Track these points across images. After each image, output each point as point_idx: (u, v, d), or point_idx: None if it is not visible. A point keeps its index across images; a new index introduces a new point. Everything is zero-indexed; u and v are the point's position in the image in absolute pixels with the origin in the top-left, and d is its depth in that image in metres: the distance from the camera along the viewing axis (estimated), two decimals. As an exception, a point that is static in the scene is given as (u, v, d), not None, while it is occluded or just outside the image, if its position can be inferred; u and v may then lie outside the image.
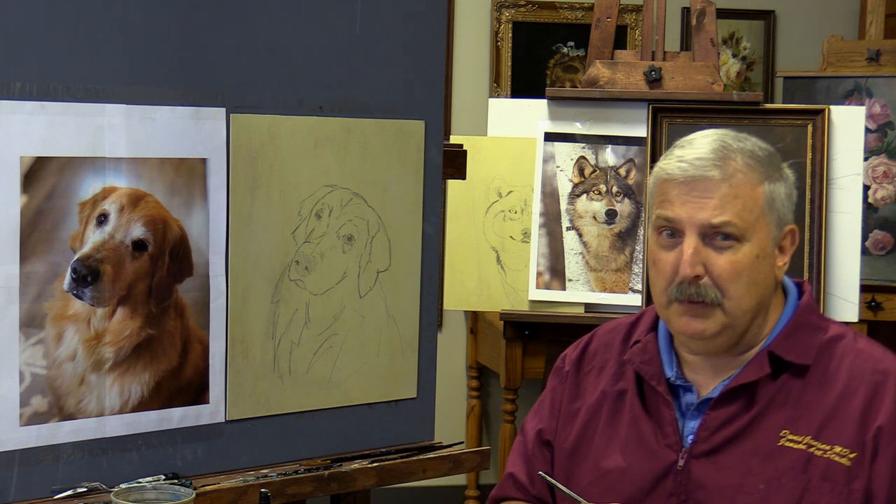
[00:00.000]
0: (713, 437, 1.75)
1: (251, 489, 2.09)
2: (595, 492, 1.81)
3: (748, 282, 1.73)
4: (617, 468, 1.80)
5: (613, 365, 1.89)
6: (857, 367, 1.75)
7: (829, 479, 1.69)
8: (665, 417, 1.79)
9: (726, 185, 1.72)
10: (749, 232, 1.72)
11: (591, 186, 3.33)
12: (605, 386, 1.88)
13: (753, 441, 1.73)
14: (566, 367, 1.95)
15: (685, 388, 1.80)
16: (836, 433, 1.71)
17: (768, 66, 5.07)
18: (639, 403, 1.82)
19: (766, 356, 1.75)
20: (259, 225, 2.18)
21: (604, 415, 1.86)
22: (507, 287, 3.32)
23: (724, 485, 1.72)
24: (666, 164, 1.77)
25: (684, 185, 1.73)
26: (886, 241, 4.03)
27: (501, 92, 4.79)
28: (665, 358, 1.82)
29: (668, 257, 1.74)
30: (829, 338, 1.79)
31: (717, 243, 1.72)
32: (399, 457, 2.30)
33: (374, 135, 2.31)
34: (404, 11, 2.33)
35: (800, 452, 1.71)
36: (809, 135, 3.28)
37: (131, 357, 2.05)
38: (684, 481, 1.75)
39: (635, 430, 1.81)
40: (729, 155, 1.74)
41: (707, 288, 1.72)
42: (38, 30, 1.93)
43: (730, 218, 1.71)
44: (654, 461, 1.78)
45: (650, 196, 1.81)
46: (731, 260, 1.71)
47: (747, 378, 1.75)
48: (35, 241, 1.95)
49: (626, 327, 1.92)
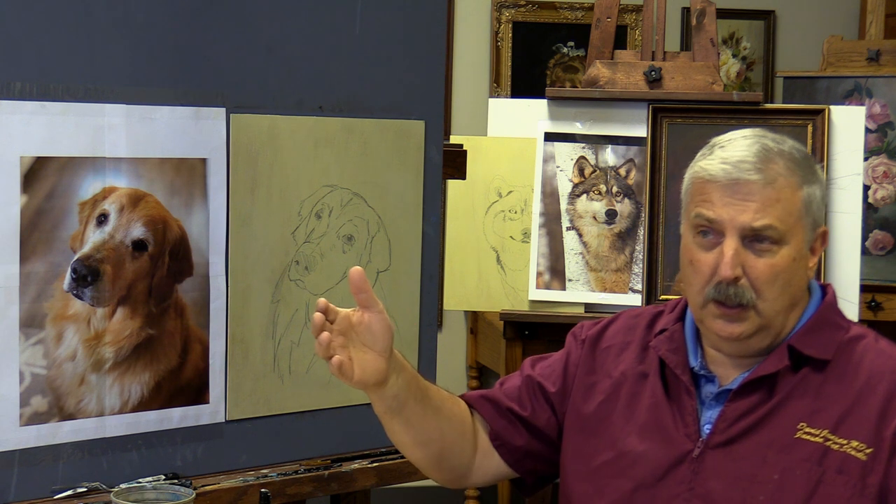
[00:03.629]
0: (731, 428, 1.76)
1: (251, 489, 2.09)
2: (609, 471, 1.82)
3: (783, 284, 1.74)
4: (633, 451, 1.82)
5: (636, 348, 1.90)
6: (878, 366, 1.76)
7: (844, 472, 1.70)
8: (686, 406, 1.80)
9: (769, 189, 1.73)
10: (788, 235, 1.74)
11: (591, 186, 3.33)
12: (625, 367, 1.89)
13: (770, 432, 1.74)
14: (583, 336, 1.96)
15: (707, 377, 1.82)
16: (853, 428, 1.72)
17: (768, 66, 5.07)
18: (661, 389, 1.84)
19: (787, 349, 1.77)
20: (259, 225, 2.18)
21: (623, 395, 1.87)
22: (507, 287, 3.32)
23: (738, 475, 1.74)
24: (708, 165, 1.77)
25: (727, 187, 1.74)
26: (886, 241, 4.03)
27: (501, 92, 4.79)
28: (690, 348, 1.84)
29: (707, 257, 1.75)
30: (850, 337, 1.80)
31: (757, 246, 1.73)
32: (399, 457, 2.30)
33: (374, 135, 2.31)
34: (404, 11, 2.33)
35: (816, 445, 1.72)
36: (809, 135, 3.28)
37: (131, 357, 2.05)
38: (698, 470, 1.76)
39: (655, 415, 1.82)
40: (771, 158, 1.75)
41: (744, 289, 1.73)
42: (38, 30, 1.93)
43: (771, 221, 1.72)
44: (670, 448, 1.79)
45: (686, 192, 1.82)
46: (769, 263, 1.73)
47: (767, 370, 1.76)
48: (35, 241, 1.95)
49: (651, 315, 1.94)
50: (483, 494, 4.30)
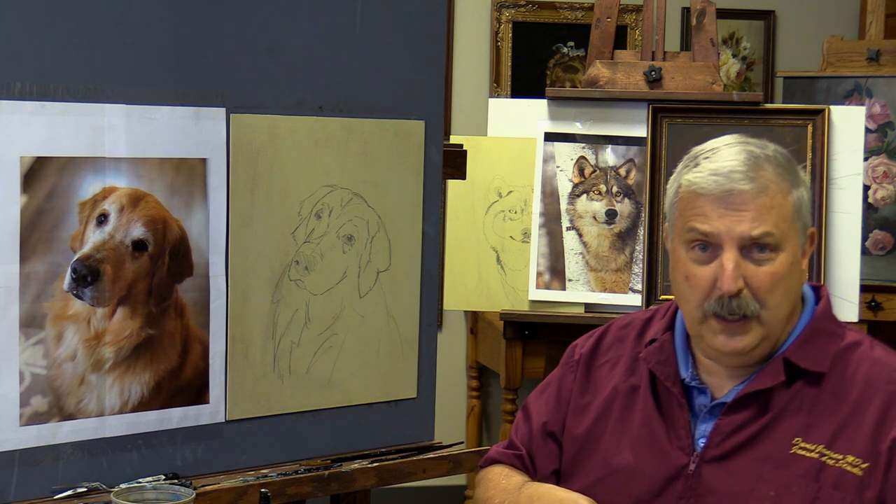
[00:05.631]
0: (725, 442, 1.74)
1: (251, 489, 2.09)
2: (603, 489, 1.81)
3: (784, 291, 1.72)
4: (627, 467, 1.80)
5: (626, 360, 1.88)
6: (873, 377, 1.74)
7: (840, 488, 1.68)
8: (678, 419, 1.78)
9: (762, 197, 1.71)
10: (784, 241, 1.72)
11: (591, 186, 3.33)
12: (616, 381, 1.87)
13: (766, 448, 1.72)
14: (576, 357, 1.94)
15: (699, 389, 1.80)
16: (849, 443, 1.70)
17: (768, 66, 5.07)
18: (652, 402, 1.82)
19: (782, 363, 1.75)
20: (259, 225, 2.18)
21: (615, 411, 1.85)
22: (507, 287, 3.32)
23: (735, 490, 1.72)
24: (697, 178, 1.74)
25: (721, 198, 1.71)
26: (886, 241, 4.03)
27: (501, 92, 4.79)
28: (681, 358, 1.82)
29: (704, 272, 1.72)
30: (845, 345, 1.78)
31: (756, 256, 1.71)
32: (399, 457, 2.30)
33: (374, 135, 2.31)
34: (404, 11, 2.33)
35: (812, 461, 1.70)
36: (809, 135, 3.28)
37: (131, 357, 2.05)
38: (695, 485, 1.74)
39: (647, 429, 1.81)
40: (760, 165, 1.72)
41: (747, 300, 1.71)
42: (38, 30, 1.93)
43: (768, 229, 1.70)
44: (664, 463, 1.77)
45: (673, 209, 1.79)
46: (770, 272, 1.71)
47: (762, 385, 1.74)
48: (35, 241, 1.95)
49: (641, 323, 1.91)
50: (483, 494, 4.29)
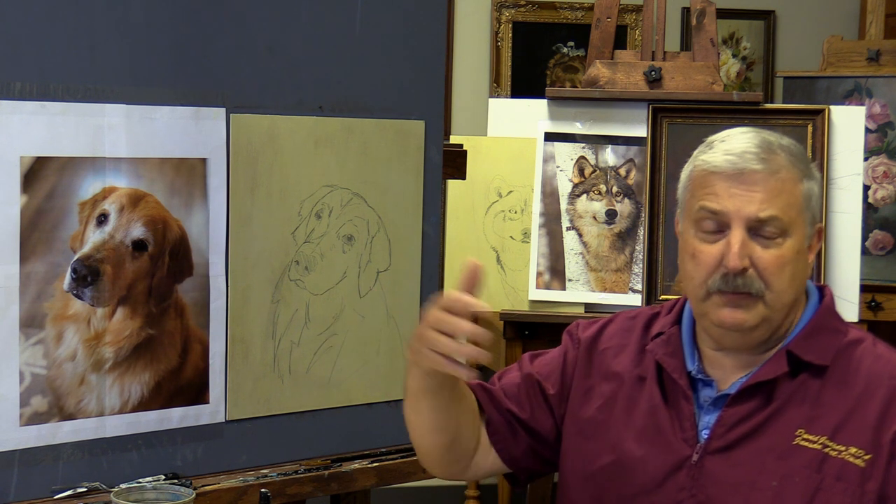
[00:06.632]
0: (729, 433, 1.75)
1: (251, 489, 2.09)
2: (608, 476, 1.82)
3: (790, 276, 1.74)
4: (632, 456, 1.81)
5: (633, 351, 1.89)
6: (876, 372, 1.75)
7: (842, 479, 1.69)
8: (684, 411, 1.80)
9: (773, 180, 1.73)
10: (791, 227, 1.73)
11: (591, 186, 3.33)
12: (623, 370, 1.88)
13: (769, 439, 1.74)
14: (580, 336, 1.95)
15: (705, 382, 1.81)
16: (851, 435, 1.71)
17: (768, 66, 5.07)
18: (658, 393, 1.83)
19: (785, 355, 1.76)
20: (259, 225, 2.18)
21: (620, 399, 1.86)
22: (507, 287, 3.32)
23: (737, 481, 1.73)
24: (711, 157, 1.76)
25: (733, 177, 1.73)
26: (886, 241, 4.03)
27: (501, 92, 4.79)
28: (687, 352, 1.83)
29: (711, 249, 1.74)
30: (848, 341, 1.79)
31: (763, 237, 1.73)
32: (399, 457, 2.30)
33: (374, 135, 2.31)
34: (404, 11, 2.33)
35: (814, 452, 1.71)
36: (809, 135, 3.28)
37: (131, 357, 2.05)
38: (697, 476, 1.75)
39: (653, 419, 1.82)
40: (773, 149, 1.75)
41: (752, 279, 1.72)
42: (38, 30, 1.93)
43: (776, 213, 1.72)
44: (669, 453, 1.78)
45: (685, 188, 1.82)
46: (776, 254, 1.72)
47: (765, 376, 1.75)
48: (35, 241, 1.95)
49: (647, 317, 1.93)
50: (483, 494, 4.30)
